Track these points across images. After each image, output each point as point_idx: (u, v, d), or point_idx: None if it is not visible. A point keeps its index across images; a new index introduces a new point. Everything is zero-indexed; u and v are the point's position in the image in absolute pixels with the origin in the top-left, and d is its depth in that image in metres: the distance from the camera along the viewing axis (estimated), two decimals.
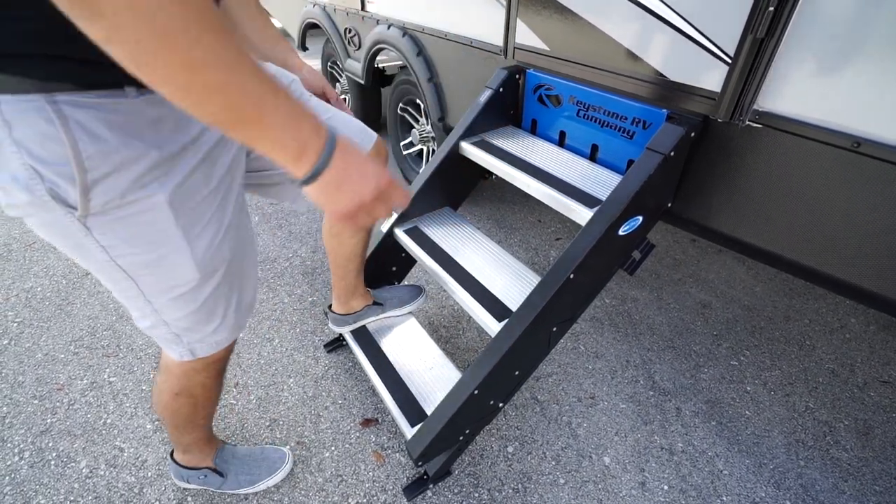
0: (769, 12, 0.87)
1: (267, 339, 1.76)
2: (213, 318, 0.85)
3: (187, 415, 1.05)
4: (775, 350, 1.73)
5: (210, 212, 0.75)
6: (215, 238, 0.76)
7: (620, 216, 1.05)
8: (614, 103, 1.24)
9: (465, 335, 1.79)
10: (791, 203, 0.99)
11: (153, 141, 0.64)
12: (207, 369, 0.95)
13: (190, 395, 0.99)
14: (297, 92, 0.96)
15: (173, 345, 0.86)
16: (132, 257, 0.70)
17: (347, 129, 1.05)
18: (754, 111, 0.97)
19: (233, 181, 0.79)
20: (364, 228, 1.23)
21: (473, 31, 1.70)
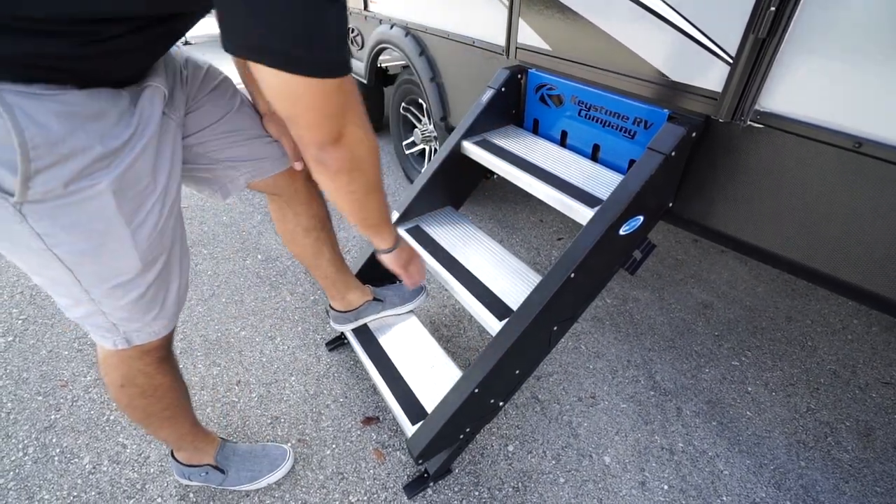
0: (771, 12, 0.87)
1: (269, 337, 1.77)
2: (153, 306, 0.85)
3: (144, 407, 1.01)
4: (777, 351, 1.73)
5: (152, 200, 0.76)
6: (157, 226, 0.78)
7: (621, 216, 1.05)
8: (616, 103, 1.25)
9: (466, 334, 1.79)
10: (792, 204, 0.99)
11: (97, 133, 0.66)
12: (144, 357, 0.93)
13: (134, 385, 0.96)
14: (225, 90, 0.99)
15: (108, 333, 0.85)
16: (70, 246, 0.70)
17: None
18: (755, 111, 0.97)
19: (173, 168, 0.80)
20: (316, 227, 1.25)
21: (476, 31, 1.70)
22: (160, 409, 1.04)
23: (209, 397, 1.54)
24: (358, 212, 0.89)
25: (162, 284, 0.85)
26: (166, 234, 0.81)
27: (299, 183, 1.15)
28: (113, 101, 0.68)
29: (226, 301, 1.94)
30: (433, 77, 2.04)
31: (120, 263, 0.76)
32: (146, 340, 0.89)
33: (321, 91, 0.64)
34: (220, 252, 2.24)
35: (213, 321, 1.84)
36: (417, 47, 2.08)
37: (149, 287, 0.82)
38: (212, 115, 0.95)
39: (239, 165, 1.03)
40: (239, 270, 2.12)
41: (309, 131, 0.70)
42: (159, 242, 0.80)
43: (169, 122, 0.80)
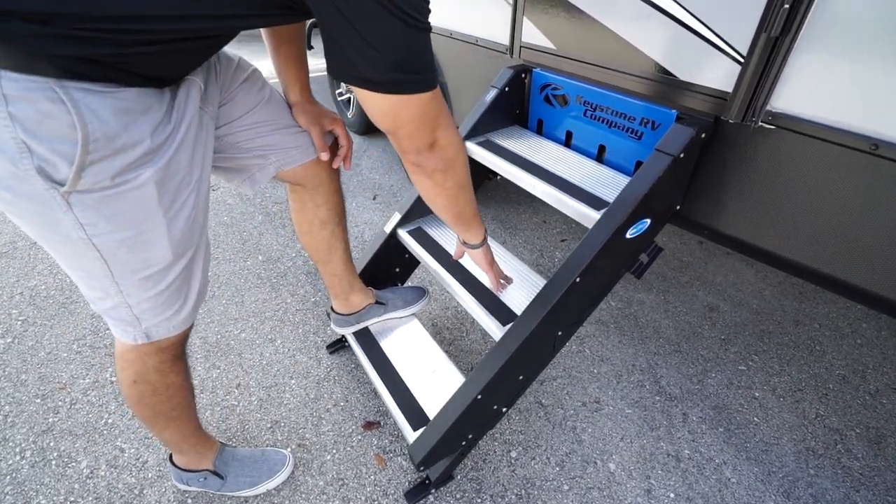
0: (784, 10, 0.85)
1: (269, 339, 1.75)
2: (177, 300, 0.87)
3: (153, 405, 1.02)
4: (784, 355, 1.70)
5: (187, 192, 0.79)
6: (189, 217, 0.81)
7: (628, 219, 1.02)
8: (622, 103, 1.22)
9: (468, 337, 1.77)
10: (804, 207, 0.97)
11: (148, 128, 0.70)
12: (160, 354, 0.94)
13: (147, 382, 0.97)
14: (258, 83, 1.01)
15: (129, 327, 0.86)
16: (110, 235, 0.73)
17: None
18: (767, 112, 0.94)
19: (205, 161, 0.84)
20: (333, 221, 1.26)
21: (479, 30, 1.68)
22: (169, 409, 1.04)
23: (208, 400, 1.52)
24: (453, 206, 0.97)
25: (187, 277, 0.87)
26: (196, 225, 0.84)
27: (325, 174, 1.17)
28: (159, 96, 0.73)
29: (226, 303, 1.93)
30: None
31: (152, 254, 0.78)
32: (165, 336, 0.91)
33: (420, 104, 0.73)
34: (220, 253, 2.22)
35: (213, 323, 1.83)
36: None
37: (175, 279, 0.84)
38: (243, 106, 0.98)
39: (269, 154, 1.05)
40: (239, 271, 2.10)
41: (410, 140, 0.79)
42: (190, 234, 0.83)
43: (203, 115, 0.83)
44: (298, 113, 1.08)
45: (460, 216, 1.02)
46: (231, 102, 0.96)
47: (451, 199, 0.95)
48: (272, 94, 1.05)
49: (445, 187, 0.90)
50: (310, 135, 1.09)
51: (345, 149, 1.17)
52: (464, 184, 0.93)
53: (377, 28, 0.63)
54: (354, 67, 0.67)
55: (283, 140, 1.06)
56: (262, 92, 1.02)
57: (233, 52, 0.97)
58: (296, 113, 1.08)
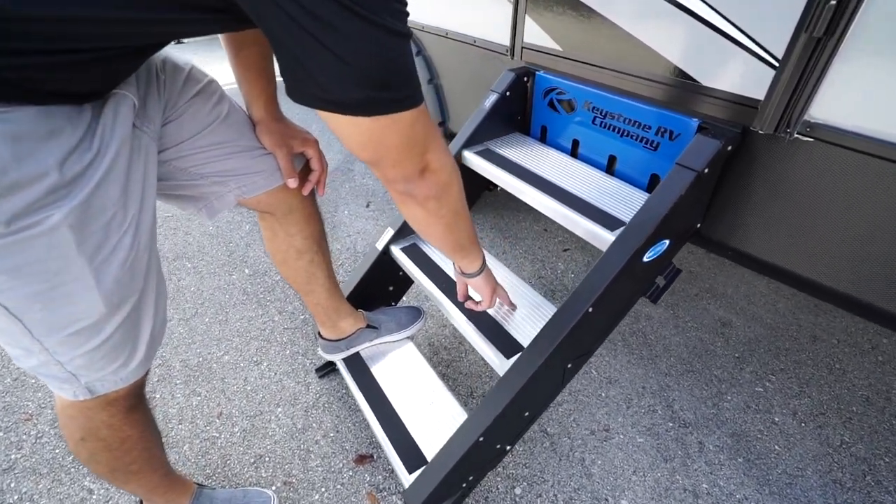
0: (830, 6, 0.74)
1: (254, 362, 1.64)
2: (120, 352, 0.73)
3: (108, 461, 0.88)
4: (803, 375, 1.60)
5: (120, 232, 0.65)
6: (126, 262, 0.66)
7: (646, 242, 0.92)
8: (636, 110, 1.11)
9: (467, 358, 1.66)
10: (848, 229, 0.86)
11: (53, 158, 0.56)
12: (109, 408, 0.80)
13: (98, 439, 0.83)
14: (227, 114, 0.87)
15: (66, 384, 0.72)
16: (16, 291, 0.59)
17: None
18: (805, 122, 0.84)
19: (145, 192, 0.69)
20: (310, 249, 1.13)
21: (477, 29, 1.56)
22: (127, 464, 0.91)
23: (187, 432, 1.41)
24: (448, 235, 0.87)
25: (131, 327, 0.72)
26: (138, 270, 0.70)
27: (295, 200, 1.04)
28: (72, 116, 0.58)
29: (209, 321, 1.81)
30: (431, 79, 1.91)
31: (78, 308, 0.64)
32: (112, 389, 0.76)
33: (405, 125, 0.62)
34: (204, 266, 2.10)
35: (194, 344, 1.71)
36: (414, 47, 1.93)
37: (114, 332, 0.70)
38: (194, 124, 0.83)
39: (227, 181, 0.91)
40: (224, 286, 1.98)
41: (396, 168, 0.68)
42: (129, 281, 0.68)
43: (141, 137, 0.69)
44: (263, 132, 0.93)
45: (458, 244, 0.92)
46: (179, 120, 0.81)
47: (447, 228, 0.84)
48: (232, 109, 0.90)
49: (440, 215, 0.79)
50: (275, 158, 0.95)
51: (317, 173, 1.04)
52: (460, 209, 0.83)
53: (344, 37, 0.50)
54: (320, 87, 0.54)
55: (245, 164, 0.91)
56: (219, 108, 0.87)
57: (185, 59, 0.83)
58: (260, 132, 0.93)
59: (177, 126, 0.81)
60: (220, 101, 0.87)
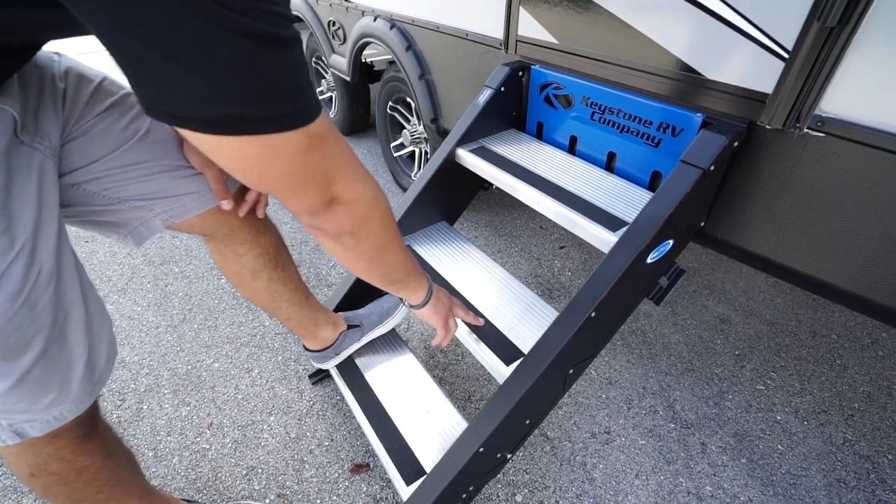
0: None
1: (245, 369, 1.59)
2: (43, 393, 0.65)
3: (68, 494, 0.81)
4: (804, 371, 1.59)
5: (5, 261, 0.56)
6: (19, 296, 0.57)
7: (650, 243, 0.88)
8: (636, 105, 1.07)
9: (464, 360, 1.62)
10: (861, 227, 0.83)
11: None
12: (55, 442, 0.73)
13: (49, 474, 0.76)
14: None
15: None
16: None
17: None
18: (816, 117, 0.80)
19: (42, 214, 0.60)
20: (266, 266, 1.04)
21: (470, 22, 1.51)
22: (91, 493, 0.83)
23: (176, 444, 1.36)
24: (375, 269, 0.76)
25: (52, 365, 0.64)
26: (42, 304, 0.60)
27: (235, 220, 0.93)
28: None
29: (198, 327, 1.75)
30: (422, 74, 1.85)
31: None
32: (46, 430, 0.69)
33: (288, 152, 0.49)
34: (192, 270, 2.04)
35: (183, 351, 1.65)
36: (404, 41, 1.88)
37: (26, 373, 0.61)
38: (106, 142, 0.73)
39: (151, 204, 0.80)
40: (213, 291, 1.92)
41: (294, 201, 0.57)
42: (29, 318, 0.59)
43: (31, 154, 0.59)
44: (190, 149, 0.81)
45: (389, 279, 0.82)
46: (87, 137, 0.71)
47: (371, 263, 0.73)
48: (153, 125, 0.78)
49: (361, 251, 0.68)
50: (205, 178, 0.83)
51: (254, 194, 0.91)
52: (385, 241, 0.71)
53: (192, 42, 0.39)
54: (168, 101, 0.43)
55: (170, 185, 0.81)
56: (137, 123, 0.76)
57: (96, 70, 0.74)
58: (187, 150, 0.82)
59: (85, 143, 0.71)
60: (139, 115, 0.77)
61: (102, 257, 2.16)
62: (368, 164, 2.93)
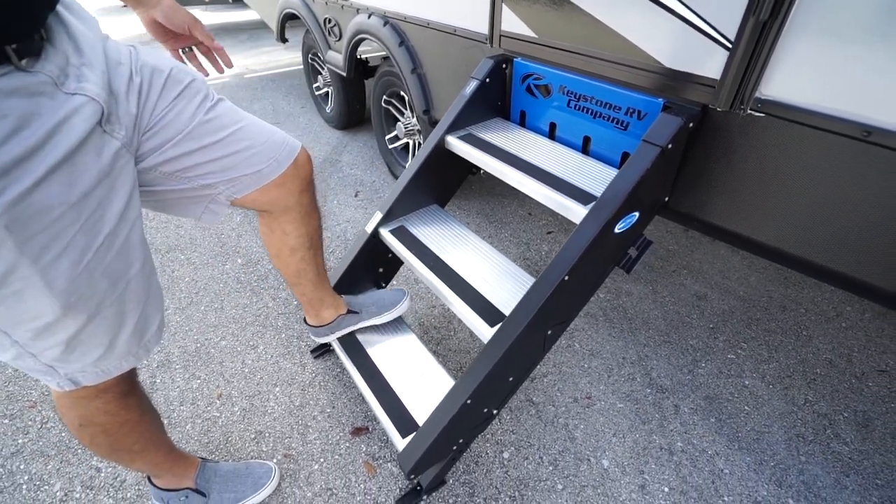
0: None
1: (251, 345, 1.69)
2: (94, 348, 0.74)
3: (109, 444, 0.92)
4: (772, 341, 1.71)
5: (71, 232, 0.63)
6: (80, 263, 0.65)
7: (616, 214, 0.99)
8: (607, 92, 1.18)
9: (456, 335, 1.73)
10: (797, 196, 0.94)
11: None
12: (102, 396, 0.83)
13: (96, 425, 0.87)
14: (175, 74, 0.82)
15: (46, 376, 0.74)
16: None
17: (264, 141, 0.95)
18: (756, 99, 0.91)
19: (111, 192, 0.68)
20: (304, 246, 1.17)
21: (457, 18, 1.62)
22: (129, 444, 0.96)
23: (189, 413, 1.46)
24: None
25: (104, 327, 0.73)
26: (100, 272, 0.68)
27: (292, 199, 1.05)
28: (8, 101, 0.55)
29: (205, 309, 1.86)
30: (414, 68, 1.96)
31: (32, 305, 0.63)
32: (96, 381, 0.78)
33: None
34: (197, 257, 2.14)
35: (191, 331, 1.76)
36: (397, 37, 1.99)
37: (81, 330, 0.70)
38: (175, 126, 0.81)
39: (216, 184, 0.90)
40: (218, 276, 2.03)
41: None
42: (88, 282, 0.67)
43: (109, 141, 0.68)
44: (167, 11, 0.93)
45: None
46: (160, 124, 0.79)
47: None
48: (217, 110, 0.87)
49: None
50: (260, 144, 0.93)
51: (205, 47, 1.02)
52: None
53: None
54: None
55: (231, 165, 0.90)
56: (202, 108, 0.84)
57: (166, 60, 0.82)
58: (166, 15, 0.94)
59: (159, 130, 0.79)
60: (204, 100, 0.85)
61: None
62: (364, 157, 3.04)
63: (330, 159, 3.04)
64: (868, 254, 0.89)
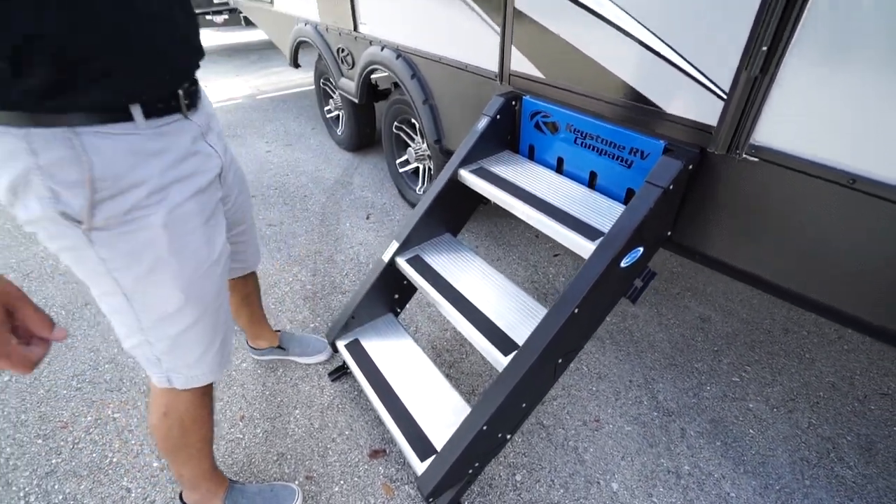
0: (763, 51, 0.89)
1: (271, 368, 1.76)
2: (193, 348, 0.93)
3: (178, 438, 1.07)
4: (776, 364, 1.75)
5: (198, 243, 0.86)
6: (200, 267, 0.87)
7: (622, 250, 1.06)
8: (611, 132, 1.26)
9: (468, 359, 1.79)
10: (790, 235, 1.01)
11: (156, 169, 0.77)
12: (189, 395, 1.02)
13: (177, 416, 1.04)
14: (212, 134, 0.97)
15: (154, 368, 0.94)
16: (126, 271, 0.80)
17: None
18: (750, 145, 0.99)
19: (219, 224, 0.92)
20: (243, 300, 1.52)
21: (469, 56, 1.71)
22: (194, 442, 1.10)
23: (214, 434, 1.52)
24: None
25: (203, 329, 0.93)
26: (210, 280, 0.90)
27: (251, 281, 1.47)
28: (176, 139, 0.81)
29: None
30: (426, 99, 2.05)
31: (163, 293, 0.84)
32: (185, 386, 0.97)
33: None
34: None
35: None
36: (409, 70, 2.08)
37: (190, 326, 0.90)
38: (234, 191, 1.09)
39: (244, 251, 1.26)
40: None
41: None
42: (202, 285, 0.89)
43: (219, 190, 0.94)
44: None
45: None
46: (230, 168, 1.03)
47: None
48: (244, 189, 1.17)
49: None
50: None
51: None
52: None
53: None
54: None
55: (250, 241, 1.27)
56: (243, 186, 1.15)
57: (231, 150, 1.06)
58: None
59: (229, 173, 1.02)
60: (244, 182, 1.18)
61: None
62: (375, 179, 3.13)
63: (341, 181, 3.13)
64: (855, 289, 0.95)
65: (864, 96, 0.81)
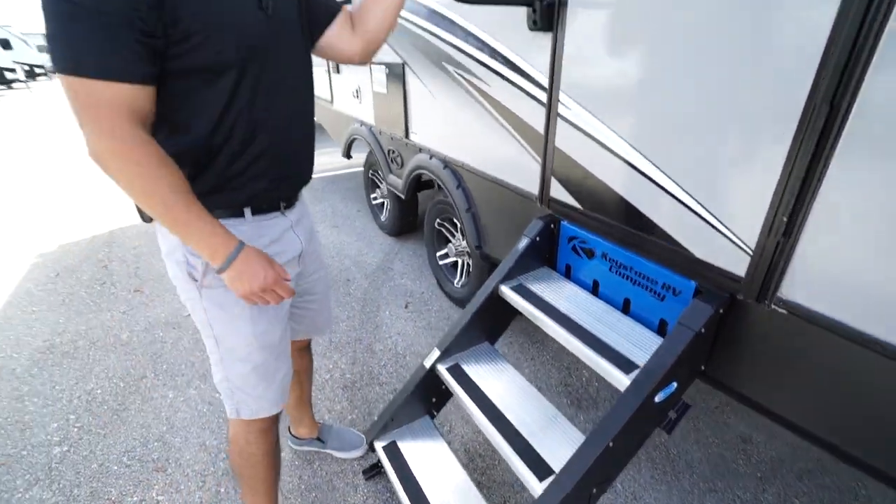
0: (783, 220, 0.99)
1: (307, 461, 1.81)
2: (261, 381, 1.15)
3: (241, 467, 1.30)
4: (827, 499, 1.66)
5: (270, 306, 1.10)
6: (270, 325, 1.12)
7: (656, 387, 1.11)
8: (645, 266, 1.36)
9: (500, 465, 1.79)
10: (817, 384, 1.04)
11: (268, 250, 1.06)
12: (250, 426, 1.23)
13: (236, 443, 1.27)
14: None
15: (228, 400, 1.18)
16: (217, 319, 1.07)
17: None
18: (778, 298, 1.06)
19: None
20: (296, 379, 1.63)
21: (513, 177, 1.89)
22: (254, 475, 1.31)
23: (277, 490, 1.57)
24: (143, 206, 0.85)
25: (267, 368, 1.15)
26: (273, 333, 1.14)
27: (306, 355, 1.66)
28: (271, 229, 1.08)
29: None
30: (469, 208, 2.23)
31: (242, 339, 1.09)
32: (250, 416, 1.19)
33: (65, 86, 0.75)
34: None
35: None
36: (455, 180, 2.30)
37: (257, 366, 1.13)
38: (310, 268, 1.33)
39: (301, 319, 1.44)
40: None
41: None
42: (268, 335, 1.12)
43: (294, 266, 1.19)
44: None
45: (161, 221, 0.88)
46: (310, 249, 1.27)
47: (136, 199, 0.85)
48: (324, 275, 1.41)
49: (122, 187, 0.83)
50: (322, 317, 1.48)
51: None
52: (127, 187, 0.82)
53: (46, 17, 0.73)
54: None
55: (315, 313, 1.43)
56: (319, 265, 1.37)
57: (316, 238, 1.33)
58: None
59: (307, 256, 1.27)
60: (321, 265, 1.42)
61: (187, 343, 2.52)
62: (414, 266, 3.30)
63: (382, 267, 3.32)
64: (878, 442, 0.96)
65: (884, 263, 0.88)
